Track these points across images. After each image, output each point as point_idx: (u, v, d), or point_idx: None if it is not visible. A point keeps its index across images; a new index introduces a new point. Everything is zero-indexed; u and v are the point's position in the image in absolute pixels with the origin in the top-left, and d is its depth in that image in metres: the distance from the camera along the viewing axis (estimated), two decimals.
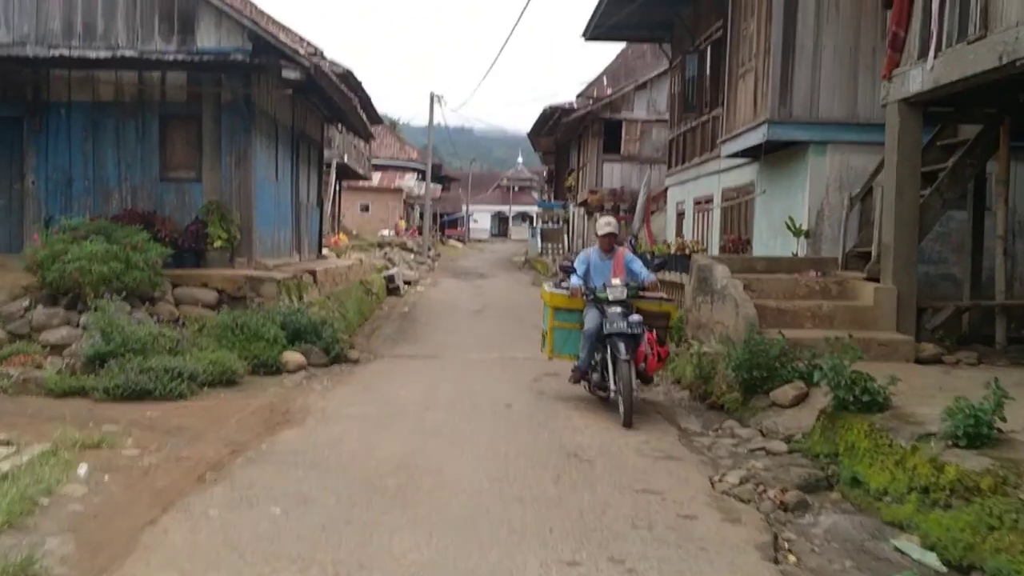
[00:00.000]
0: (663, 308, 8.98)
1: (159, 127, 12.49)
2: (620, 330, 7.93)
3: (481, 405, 8.59)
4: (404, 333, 14.53)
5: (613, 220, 9.09)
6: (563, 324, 8.95)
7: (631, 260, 8.79)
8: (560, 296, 8.91)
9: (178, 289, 11.57)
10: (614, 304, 8.13)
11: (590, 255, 8.80)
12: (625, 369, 7.74)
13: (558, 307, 8.94)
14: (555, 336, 9.00)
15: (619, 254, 8.74)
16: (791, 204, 13.34)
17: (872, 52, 12.63)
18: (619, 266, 8.58)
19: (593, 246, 9.02)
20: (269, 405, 8.35)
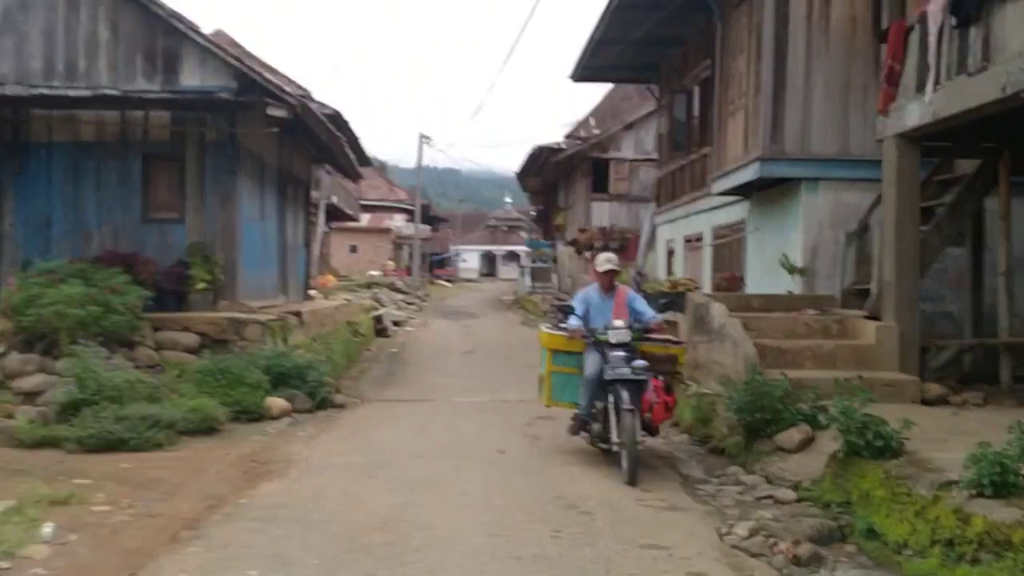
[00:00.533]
0: (670, 351, 8.24)
1: (141, 167, 12.21)
2: (623, 376, 7.24)
3: (473, 452, 8.23)
4: (393, 375, 14.17)
5: (614, 256, 8.45)
6: (562, 368, 8.21)
7: (634, 299, 8.25)
8: (558, 338, 8.23)
9: (159, 333, 11.20)
10: (616, 347, 7.46)
11: (589, 294, 8.20)
12: (628, 420, 7.07)
13: (556, 350, 8.24)
14: (553, 381, 8.25)
15: (620, 293, 8.16)
16: (784, 241, 13.14)
17: (863, 88, 12.55)
18: (621, 306, 8.00)
19: (592, 284, 8.42)
20: (250, 454, 7.96)
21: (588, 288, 8.40)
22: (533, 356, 17.78)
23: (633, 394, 7.20)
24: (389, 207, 55.58)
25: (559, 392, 8.26)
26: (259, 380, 9.98)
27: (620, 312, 7.91)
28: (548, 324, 8.98)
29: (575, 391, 8.02)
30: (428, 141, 38.76)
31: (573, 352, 8.08)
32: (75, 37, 11.80)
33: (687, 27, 17.53)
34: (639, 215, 27.25)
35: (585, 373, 7.76)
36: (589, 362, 7.74)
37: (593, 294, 8.18)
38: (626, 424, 7.08)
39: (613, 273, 8.18)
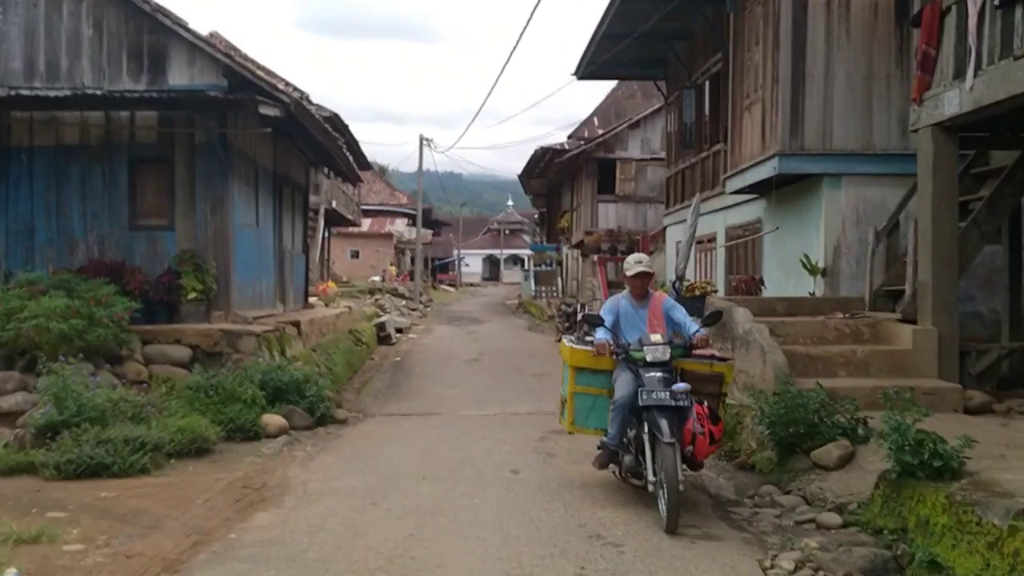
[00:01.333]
0: (715, 369, 6.90)
1: (128, 172, 11.59)
2: (661, 401, 6.10)
3: (484, 473, 7.61)
4: (396, 387, 13.54)
5: (645, 257, 7.20)
6: (587, 389, 7.03)
7: (672, 308, 6.96)
8: (583, 353, 7.01)
9: (148, 346, 10.61)
10: (653, 367, 6.33)
11: (619, 303, 6.99)
12: (668, 456, 5.92)
13: (580, 367, 7.02)
14: (577, 404, 7.08)
15: (656, 301, 6.96)
16: (804, 241, 12.53)
17: (886, 79, 11.98)
18: (656, 316, 6.82)
19: (622, 292, 7.14)
20: (243, 479, 7.34)
21: (618, 295, 7.14)
22: (541, 364, 17.38)
23: (673, 423, 6.03)
24: (390, 211, 55.00)
25: (583, 416, 7.10)
26: (254, 396, 9.38)
27: (656, 324, 6.75)
28: (571, 336, 7.71)
29: (602, 416, 6.92)
30: (429, 143, 38.15)
31: (601, 370, 6.91)
32: (57, 35, 11.20)
33: (696, 20, 16.95)
34: (647, 216, 26.65)
35: (615, 396, 6.55)
36: (620, 383, 6.55)
37: (624, 302, 6.97)
38: (666, 460, 5.93)
39: (646, 277, 6.98)
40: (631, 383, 6.45)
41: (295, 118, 11.45)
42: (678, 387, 6.19)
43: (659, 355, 6.40)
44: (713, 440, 6.43)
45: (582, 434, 7.34)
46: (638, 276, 6.94)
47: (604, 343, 6.67)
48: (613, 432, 6.64)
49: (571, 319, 21.78)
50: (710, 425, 6.37)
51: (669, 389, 6.16)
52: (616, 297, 7.16)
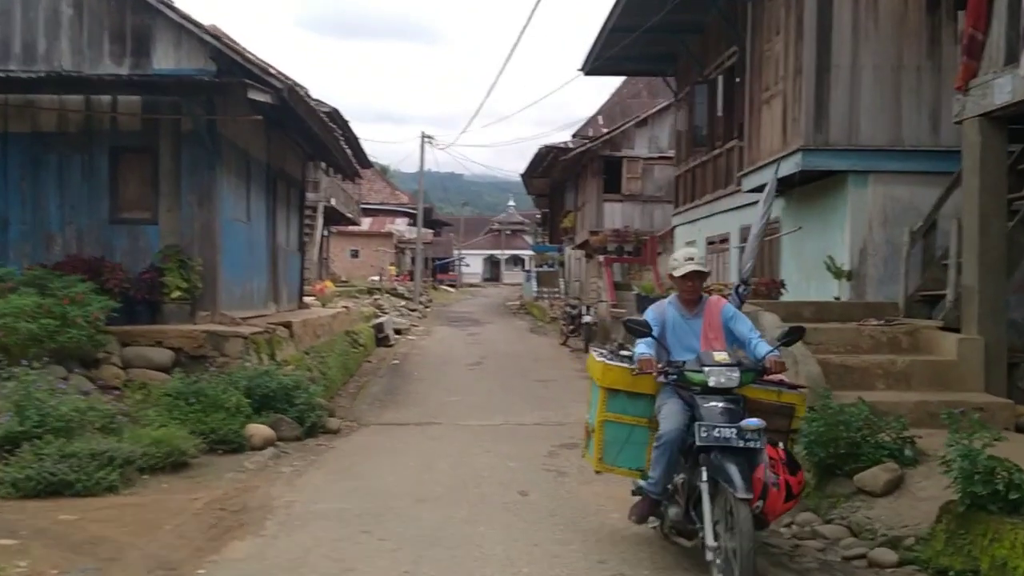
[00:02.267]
0: (784, 399, 5.42)
1: (109, 161, 10.85)
2: (725, 441, 4.69)
3: (489, 494, 6.87)
4: (394, 392, 12.80)
5: (697, 252, 5.88)
6: (621, 417, 5.52)
7: (733, 318, 5.47)
8: (619, 372, 5.49)
9: (127, 348, 9.87)
10: (714, 395, 4.89)
11: (664, 311, 5.53)
12: (743, 516, 4.45)
13: (614, 388, 5.52)
14: (608, 435, 5.54)
15: (712, 308, 5.50)
16: (827, 242, 11.82)
17: (916, 71, 11.29)
18: (713, 328, 5.41)
19: (668, 297, 5.74)
20: (221, 499, 6.60)
21: (663, 302, 5.69)
22: (546, 369, 16.66)
23: (744, 471, 4.59)
24: (391, 211, 54.34)
25: (615, 451, 5.55)
26: (239, 403, 8.63)
27: (713, 338, 5.37)
28: (602, 349, 6.08)
29: (639, 452, 5.50)
30: (431, 140, 37.45)
31: (640, 394, 5.48)
32: (34, 15, 10.49)
33: (709, 12, 16.26)
34: (654, 216, 25.92)
35: (661, 430, 5.11)
36: (667, 413, 5.12)
37: (671, 310, 5.53)
38: (738, 522, 4.44)
39: (700, 278, 5.49)
40: (681, 414, 5.04)
41: (288, 106, 10.73)
42: (749, 423, 4.72)
43: (726, 380, 4.90)
44: (791, 495, 4.90)
45: (612, 474, 5.76)
46: (690, 277, 5.40)
47: (650, 360, 5.13)
48: (656, 476, 5.14)
49: (575, 321, 21.05)
50: (787, 474, 4.85)
51: (736, 425, 4.72)
52: (661, 303, 5.68)
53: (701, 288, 5.58)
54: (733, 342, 5.45)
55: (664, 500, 5.24)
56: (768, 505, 4.71)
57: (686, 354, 5.28)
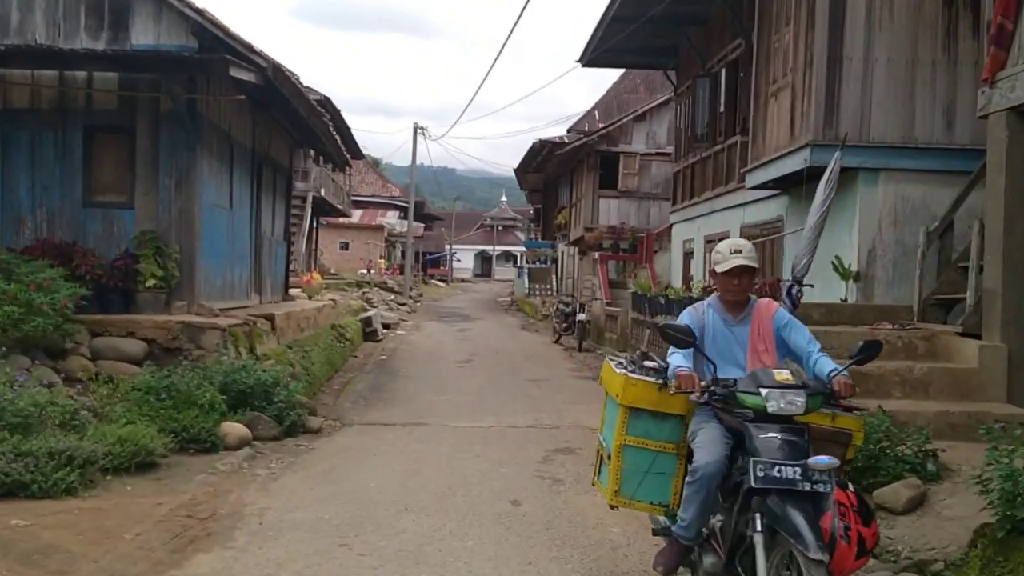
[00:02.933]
0: (838, 423, 4.31)
1: (84, 141, 10.27)
2: (789, 483, 3.71)
3: (479, 504, 6.36)
4: (380, 390, 12.27)
5: (746, 243, 4.56)
6: (644, 442, 4.49)
7: (788, 326, 4.42)
8: (644, 387, 4.45)
9: (98, 339, 9.32)
10: (771, 423, 3.87)
11: (704, 315, 4.48)
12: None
13: (636, 407, 4.48)
14: (626, 463, 4.51)
15: (761, 314, 4.44)
16: (833, 242, 11.34)
17: (931, 65, 10.86)
18: (763, 337, 4.38)
19: (708, 298, 4.64)
20: (188, 505, 6.08)
21: (701, 304, 4.63)
22: (538, 367, 16.11)
23: (811, 521, 3.62)
24: (382, 203, 53.76)
25: (635, 482, 4.52)
26: (213, 400, 8.10)
27: (762, 350, 4.36)
28: (619, 360, 4.91)
29: (664, 484, 4.50)
30: (424, 132, 36.83)
31: (668, 415, 4.47)
32: None
33: (712, 2, 15.83)
34: (650, 213, 25.45)
35: (696, 462, 4.09)
36: (705, 440, 4.12)
37: (711, 315, 4.48)
38: None
39: (749, 275, 4.41)
40: (722, 442, 4.06)
41: (274, 86, 10.18)
42: (819, 462, 3.69)
43: (788, 406, 3.85)
44: (863, 550, 3.95)
45: (631, 508, 4.69)
46: (736, 273, 4.32)
47: (692, 376, 4.10)
48: (689, 518, 4.14)
49: (569, 319, 20.56)
50: (859, 524, 3.92)
51: (802, 463, 3.72)
52: (699, 305, 4.61)
53: (750, 288, 4.48)
54: (786, 355, 4.42)
55: (696, 546, 4.27)
56: (836, 561, 3.68)
57: (730, 369, 4.25)
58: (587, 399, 11.85)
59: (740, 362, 4.36)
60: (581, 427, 9.62)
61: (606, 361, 4.94)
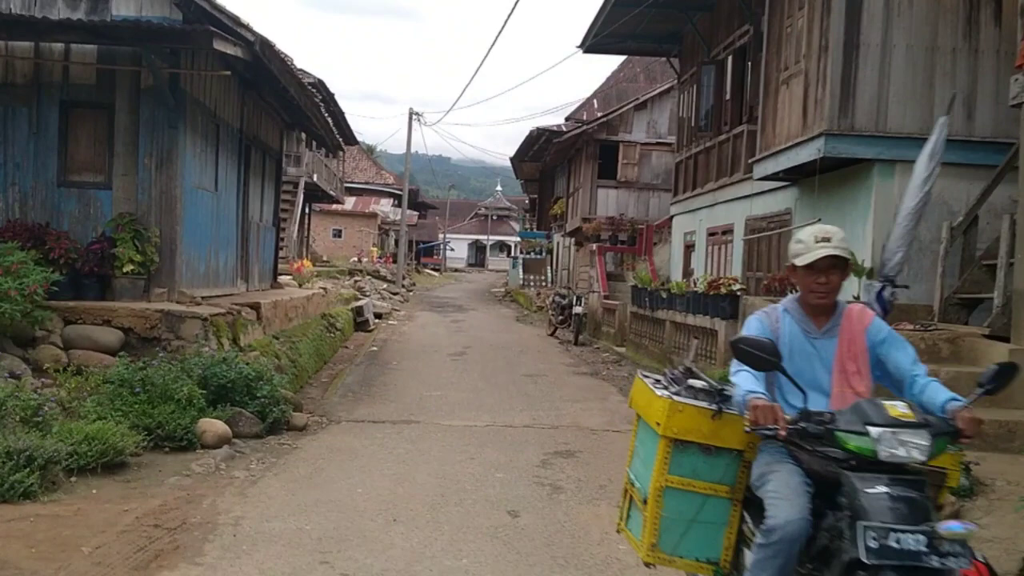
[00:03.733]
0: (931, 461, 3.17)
1: (59, 117, 9.70)
2: (912, 557, 2.78)
3: (473, 514, 5.87)
4: (370, 383, 11.76)
5: (837, 231, 3.47)
6: (690, 483, 3.57)
7: (886, 341, 3.48)
8: (692, 414, 3.53)
9: (71, 327, 8.79)
10: (879, 472, 2.98)
11: (778, 321, 3.52)
12: None
13: (683, 439, 3.55)
14: (668, 509, 3.57)
15: (852, 322, 3.48)
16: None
17: (951, 53, 10.43)
18: (855, 354, 3.44)
19: (782, 302, 3.65)
20: (157, 512, 5.56)
21: (775, 308, 3.61)
22: (534, 361, 15.55)
23: None
24: (376, 191, 53.11)
25: (677, 534, 3.58)
26: (191, 395, 7.58)
27: (852, 371, 3.42)
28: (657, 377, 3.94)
29: (714, 537, 3.59)
30: (419, 117, 36.23)
31: (721, 450, 3.55)
32: None
33: None
34: (649, 204, 24.95)
35: (772, 518, 3.11)
36: (781, 488, 3.18)
37: (788, 322, 3.51)
38: None
39: (841, 271, 3.43)
40: (803, 493, 3.13)
41: (262, 62, 9.62)
42: (951, 529, 2.78)
43: (909, 451, 2.97)
44: None
45: (670, 567, 3.74)
46: (823, 268, 3.36)
47: (771, 407, 3.11)
48: None
49: (565, 312, 20.06)
50: None
51: (926, 528, 2.80)
52: (772, 311, 3.59)
53: (840, 287, 3.43)
54: (880, 378, 3.46)
55: None
56: None
57: (818, 395, 3.36)
58: (585, 397, 11.38)
59: (823, 386, 3.39)
60: (580, 428, 9.14)
61: (638, 378, 3.98)
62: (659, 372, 4.10)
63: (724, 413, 3.45)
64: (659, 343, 14.97)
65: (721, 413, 3.46)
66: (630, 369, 14.71)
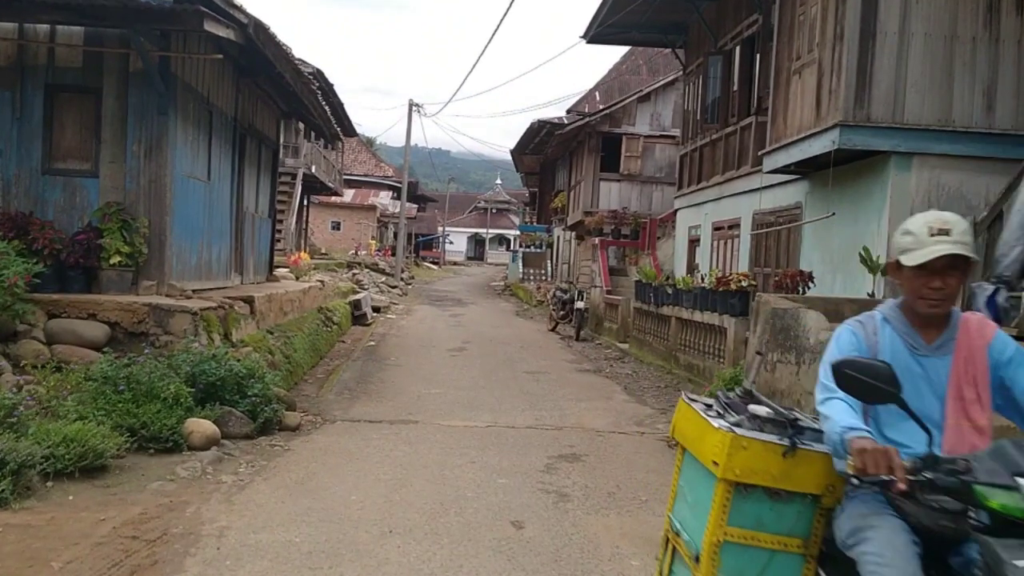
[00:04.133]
0: None
1: (44, 102, 9.31)
2: None
3: (475, 525, 5.50)
4: (367, 380, 11.39)
5: (959, 221, 2.69)
6: (754, 536, 2.89)
7: (1012, 362, 2.76)
8: (758, 451, 2.84)
9: (54, 321, 8.41)
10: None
11: (876, 333, 2.83)
12: None
13: (746, 482, 2.86)
14: (727, 566, 2.88)
15: (970, 336, 2.78)
16: (859, 231, 10.57)
17: (972, 42, 10.07)
18: (973, 376, 2.75)
19: (879, 308, 2.92)
20: (136, 522, 5.20)
21: (870, 316, 2.90)
22: (536, 358, 15.15)
23: None
24: (375, 183, 52.74)
25: None
26: (178, 393, 7.21)
27: (971, 398, 2.74)
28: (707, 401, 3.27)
29: None
30: (419, 108, 35.78)
31: (792, 495, 2.89)
32: None
33: None
34: (652, 197, 24.57)
35: None
36: (884, 551, 2.51)
37: (889, 334, 2.84)
38: None
39: (961, 272, 2.72)
40: (911, 555, 2.50)
41: (256, 46, 9.22)
42: None
43: None
44: None
45: None
46: (941, 270, 2.69)
47: (885, 451, 2.43)
48: None
49: (567, 307, 19.71)
50: None
51: None
52: (867, 319, 2.89)
53: (958, 293, 2.81)
54: (1002, 407, 2.79)
55: None
56: None
57: (936, 427, 2.70)
58: (589, 396, 11.03)
59: (933, 417, 2.69)
60: (585, 429, 8.79)
61: (684, 403, 3.28)
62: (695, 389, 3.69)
63: (799, 448, 2.82)
64: (664, 340, 14.62)
65: (795, 449, 2.82)
66: (634, 366, 14.36)
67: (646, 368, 14.11)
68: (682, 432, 3.26)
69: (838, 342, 2.86)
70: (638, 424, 9.22)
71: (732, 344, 11.09)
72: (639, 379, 12.93)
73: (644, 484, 6.69)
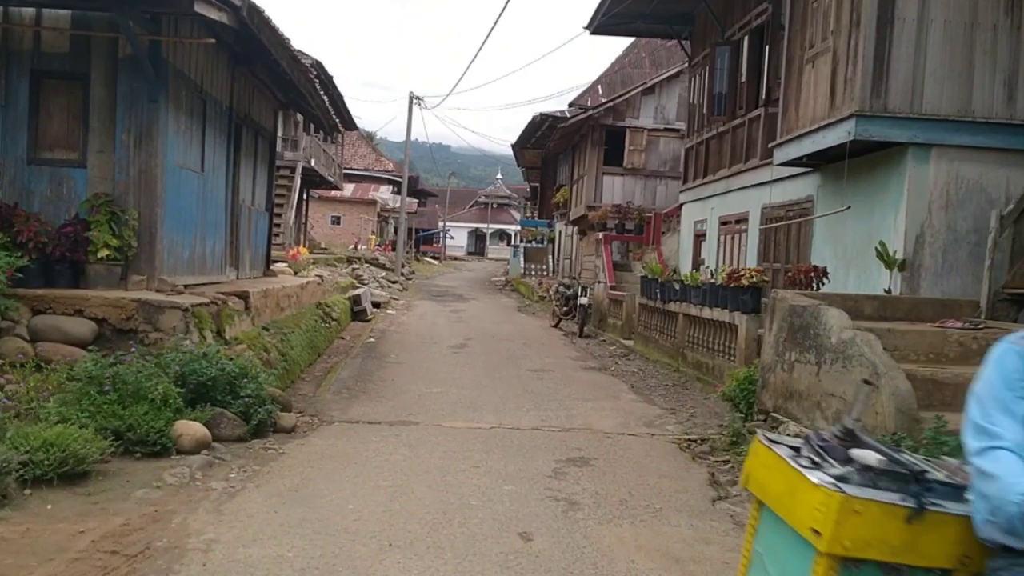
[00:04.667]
0: None
1: (30, 89, 8.94)
2: None
3: (480, 537, 5.15)
4: (366, 379, 11.04)
5: None
6: None
7: None
8: (874, 515, 2.18)
9: (39, 317, 8.06)
10: None
11: None
12: None
13: (859, 559, 2.20)
14: None
15: None
16: (874, 225, 10.22)
17: (992, 30, 9.72)
18: None
19: None
20: (117, 535, 4.84)
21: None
22: (540, 355, 14.75)
23: None
24: (375, 177, 52.32)
25: None
26: (167, 393, 6.86)
27: None
28: (793, 444, 2.55)
29: None
30: (420, 101, 35.37)
31: (915, 571, 2.22)
32: None
33: None
34: (656, 192, 24.20)
35: None
36: None
37: None
38: None
39: None
40: None
41: (251, 31, 8.85)
42: None
43: None
44: None
45: None
46: None
47: None
48: None
49: (570, 303, 19.36)
50: None
51: None
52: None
53: None
54: None
55: None
56: None
57: None
58: (596, 395, 10.68)
59: None
60: (593, 430, 8.44)
61: (761, 445, 2.61)
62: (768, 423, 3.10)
63: (927, 511, 2.20)
64: (671, 337, 14.26)
65: (923, 512, 2.19)
66: (640, 363, 14.02)
67: (652, 366, 13.76)
68: (760, 484, 2.58)
69: (1000, 368, 2.22)
70: (647, 425, 8.87)
71: (744, 342, 10.73)
72: (646, 377, 12.58)
73: (657, 490, 6.34)
